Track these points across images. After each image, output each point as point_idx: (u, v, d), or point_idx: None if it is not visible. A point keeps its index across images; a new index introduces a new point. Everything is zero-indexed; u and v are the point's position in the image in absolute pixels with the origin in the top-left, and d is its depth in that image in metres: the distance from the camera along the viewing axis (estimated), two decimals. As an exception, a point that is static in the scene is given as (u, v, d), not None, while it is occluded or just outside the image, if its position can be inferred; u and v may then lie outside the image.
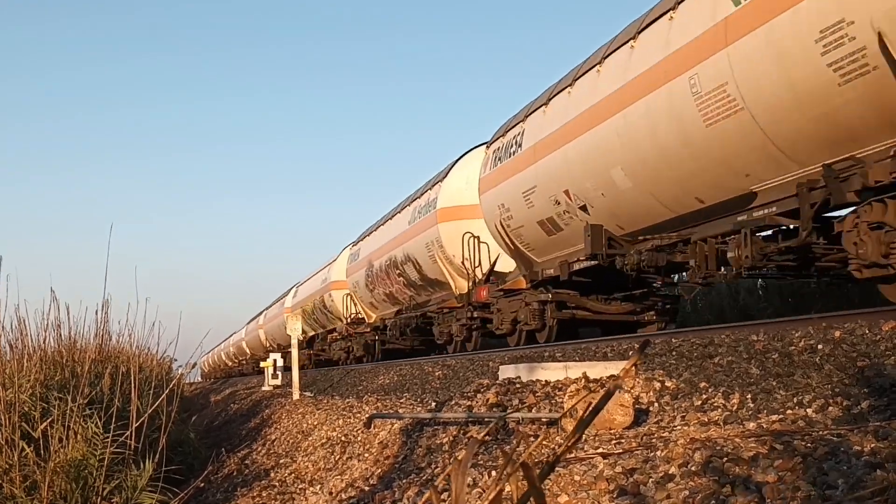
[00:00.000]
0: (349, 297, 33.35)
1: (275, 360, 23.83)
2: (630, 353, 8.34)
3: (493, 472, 5.29)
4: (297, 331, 18.65)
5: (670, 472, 4.08)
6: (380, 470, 7.85)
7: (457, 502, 1.54)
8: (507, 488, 1.62)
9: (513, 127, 17.82)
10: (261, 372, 29.69)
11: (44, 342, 11.05)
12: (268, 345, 51.36)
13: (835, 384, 5.50)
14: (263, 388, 23.07)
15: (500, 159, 18.09)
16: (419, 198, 24.54)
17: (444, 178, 22.58)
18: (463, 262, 20.64)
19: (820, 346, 6.55)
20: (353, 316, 33.13)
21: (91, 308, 11.79)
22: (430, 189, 23.56)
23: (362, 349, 31.38)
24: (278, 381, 22.87)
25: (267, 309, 58.87)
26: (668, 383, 6.93)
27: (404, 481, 6.82)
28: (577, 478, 4.42)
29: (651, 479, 4.08)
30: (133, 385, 9.40)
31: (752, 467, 3.74)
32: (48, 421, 8.68)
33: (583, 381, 7.65)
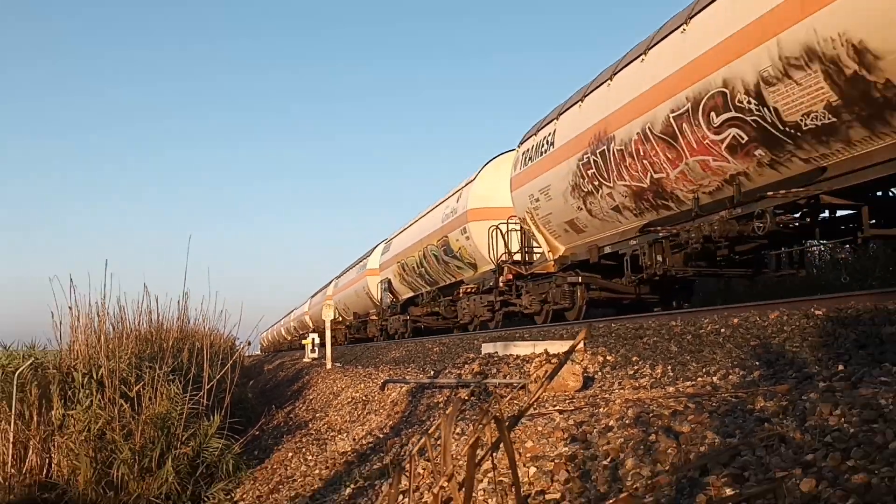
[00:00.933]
0: (498, 231, 17.19)
1: (313, 339, 23.78)
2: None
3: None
4: (329, 317, 18.61)
5: (610, 424, 4.08)
6: (391, 422, 7.83)
7: (445, 446, 1.55)
8: (485, 436, 1.63)
9: None
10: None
11: (138, 325, 11.15)
12: (338, 316, 36.05)
13: (734, 358, 5.50)
14: (304, 360, 23.01)
15: None
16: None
17: None
18: None
19: (723, 330, 6.55)
20: (512, 255, 16.67)
21: (174, 299, 11.98)
22: None
23: (540, 302, 15.21)
24: (315, 355, 22.78)
25: (338, 277, 40.92)
26: (608, 357, 6.93)
27: (409, 430, 6.81)
28: (539, 428, 4.42)
29: (595, 430, 4.08)
30: (205, 357, 9.42)
31: (671, 421, 3.74)
32: (141, 384, 8.69)
33: (545, 355, 7.65)
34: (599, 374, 6.45)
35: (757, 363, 5.14)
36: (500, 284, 16.96)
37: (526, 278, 15.76)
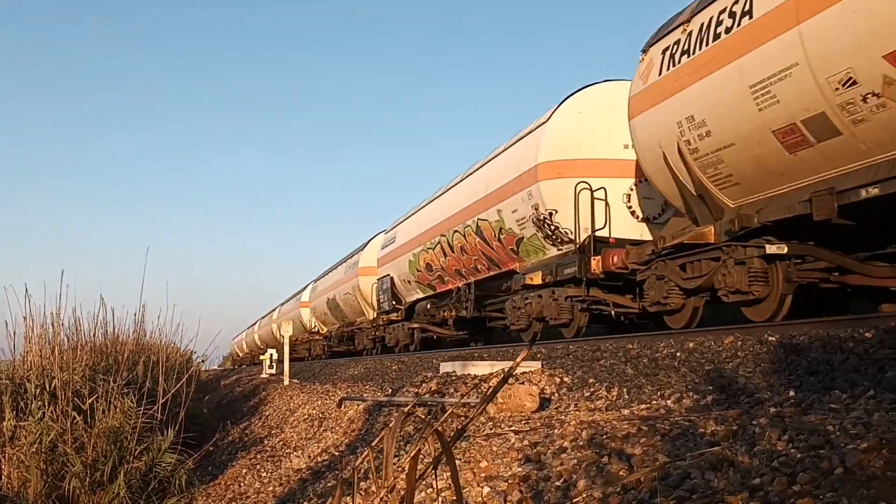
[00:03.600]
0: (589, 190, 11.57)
1: (270, 354, 23.63)
2: (538, 355, 8.38)
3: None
4: (287, 332, 18.46)
5: (564, 445, 4.09)
6: (347, 439, 7.79)
7: (387, 459, 1.55)
8: (428, 448, 1.63)
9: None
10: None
11: (93, 336, 11.01)
12: (314, 326, 32.95)
13: (688, 382, 5.55)
14: (262, 376, 22.83)
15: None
16: None
17: None
18: None
19: (678, 354, 6.61)
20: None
21: (131, 311, 11.86)
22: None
23: (684, 293, 9.38)
24: (273, 371, 22.60)
25: (317, 280, 34.18)
26: (565, 379, 6.95)
27: (365, 448, 6.77)
28: (494, 448, 4.42)
29: (550, 451, 4.09)
30: (161, 371, 9.32)
31: (624, 443, 3.76)
32: (95, 397, 8.57)
33: (502, 374, 7.65)
34: (556, 395, 6.47)
35: (710, 388, 5.19)
36: (592, 270, 10.83)
37: (650, 258, 9.74)
